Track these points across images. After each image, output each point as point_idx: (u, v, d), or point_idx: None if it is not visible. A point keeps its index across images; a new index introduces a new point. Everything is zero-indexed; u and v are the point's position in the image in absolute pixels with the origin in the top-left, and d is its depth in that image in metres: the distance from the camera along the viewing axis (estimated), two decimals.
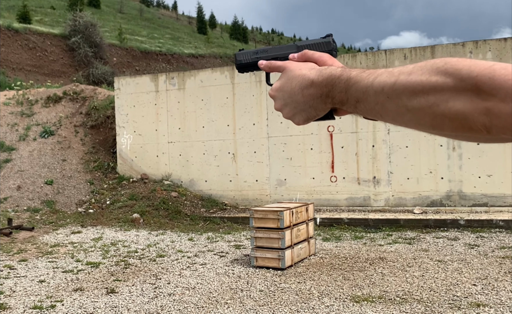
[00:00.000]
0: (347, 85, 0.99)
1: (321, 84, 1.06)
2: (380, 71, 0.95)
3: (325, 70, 1.07)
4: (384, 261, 8.06)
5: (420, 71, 0.88)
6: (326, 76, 1.05)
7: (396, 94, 0.90)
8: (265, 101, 13.69)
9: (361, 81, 0.97)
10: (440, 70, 0.85)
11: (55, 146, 16.29)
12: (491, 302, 5.87)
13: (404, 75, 0.89)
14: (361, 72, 0.98)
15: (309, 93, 1.09)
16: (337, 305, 6.01)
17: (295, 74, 1.13)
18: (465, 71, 0.82)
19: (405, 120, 0.92)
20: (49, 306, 6.35)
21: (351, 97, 0.99)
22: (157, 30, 68.34)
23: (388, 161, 12.38)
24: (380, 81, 0.92)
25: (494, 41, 11.67)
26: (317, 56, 1.20)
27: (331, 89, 1.04)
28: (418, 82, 0.87)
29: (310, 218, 8.70)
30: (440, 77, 0.84)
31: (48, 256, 9.35)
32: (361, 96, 0.97)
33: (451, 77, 0.83)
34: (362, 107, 0.98)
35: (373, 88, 0.93)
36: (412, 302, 5.99)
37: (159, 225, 12.35)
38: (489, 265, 7.52)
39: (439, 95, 0.84)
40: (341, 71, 1.03)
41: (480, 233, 9.91)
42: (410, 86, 0.88)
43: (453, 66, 0.84)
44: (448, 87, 0.83)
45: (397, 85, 0.90)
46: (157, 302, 6.40)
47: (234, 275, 7.59)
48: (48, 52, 40.24)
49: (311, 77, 1.08)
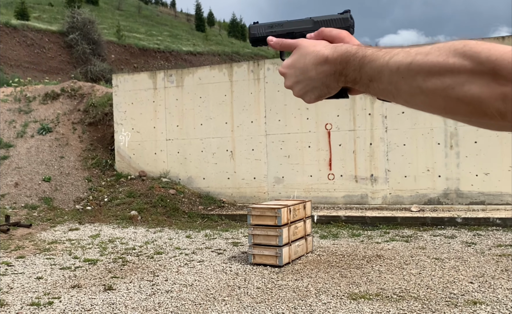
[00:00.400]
0: (362, 63, 0.97)
1: (335, 61, 1.04)
2: (396, 50, 0.92)
3: (340, 47, 1.05)
4: (381, 259, 8.08)
5: (438, 52, 0.86)
6: (341, 53, 1.03)
7: (412, 74, 0.88)
8: (263, 98, 13.70)
9: (376, 60, 0.94)
10: (458, 52, 0.83)
11: (53, 143, 16.28)
12: (488, 300, 5.89)
13: (421, 55, 0.87)
14: (377, 50, 0.96)
15: (322, 70, 1.07)
16: (334, 302, 6.03)
17: (308, 50, 1.10)
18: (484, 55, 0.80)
19: (418, 102, 0.91)
20: (47, 303, 6.36)
21: (364, 75, 0.97)
22: (155, 28, 68.24)
23: (385, 158, 12.40)
24: (396, 61, 0.90)
25: (492, 40, 11.69)
26: (335, 34, 1.17)
27: (345, 66, 1.01)
28: (435, 63, 0.85)
29: (307, 215, 8.72)
30: (458, 59, 0.83)
31: (45, 253, 9.36)
32: (375, 75, 0.95)
33: (469, 59, 0.81)
34: (375, 86, 0.96)
35: (389, 67, 0.92)
36: (409, 300, 6.01)
37: (157, 222, 12.36)
38: (486, 263, 7.54)
39: (455, 78, 0.83)
40: (357, 49, 1.00)
41: (477, 231, 9.93)
42: (426, 67, 0.86)
43: (472, 49, 0.82)
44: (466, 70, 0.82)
45: (413, 65, 0.88)
46: (155, 299, 6.41)
47: (232, 272, 7.61)
48: (46, 49, 40.18)
49: (326, 54, 1.06)
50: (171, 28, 73.25)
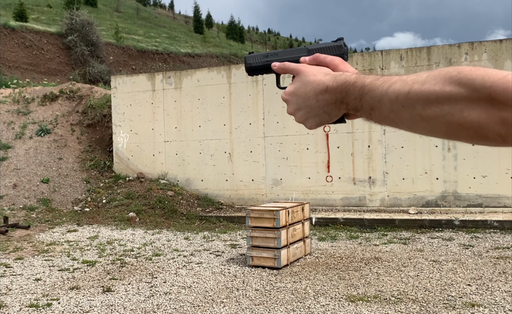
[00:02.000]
0: (362, 93, 0.99)
1: (335, 90, 1.05)
2: (394, 79, 0.94)
3: (339, 76, 1.06)
4: (379, 261, 8.10)
5: (434, 80, 0.87)
6: (341, 82, 1.04)
7: (410, 103, 0.89)
8: (262, 101, 13.72)
9: (375, 89, 0.96)
10: (453, 80, 0.84)
11: (52, 145, 16.28)
12: (486, 302, 5.91)
13: (418, 84, 0.89)
14: (376, 79, 0.98)
15: (323, 99, 1.08)
16: (333, 304, 6.04)
17: (309, 79, 1.12)
18: (478, 82, 0.81)
19: (419, 128, 0.92)
20: (45, 305, 6.36)
21: (365, 104, 0.99)
22: (153, 29, 68.22)
23: (383, 161, 12.42)
24: (394, 90, 0.92)
25: (489, 43, 11.72)
26: (329, 60, 1.19)
27: (345, 95, 1.03)
28: (432, 92, 0.86)
29: (305, 217, 8.73)
30: (454, 87, 0.84)
31: (44, 255, 9.36)
32: (375, 104, 0.96)
33: (464, 87, 0.82)
34: (376, 114, 0.98)
35: (388, 96, 0.93)
36: (407, 302, 6.02)
37: (155, 224, 12.36)
38: (483, 265, 7.56)
39: (453, 105, 0.84)
40: (356, 78, 1.02)
41: (475, 233, 9.96)
42: (424, 96, 0.87)
43: (467, 76, 0.83)
44: (462, 97, 0.82)
45: (411, 94, 0.89)
46: (153, 300, 6.42)
47: (230, 274, 7.62)
48: (44, 51, 40.15)
49: (326, 83, 1.08)
50: (170, 30, 73.25)
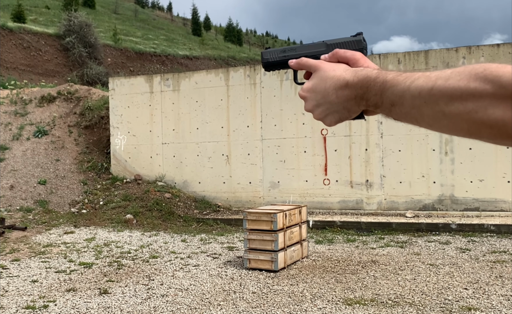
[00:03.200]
0: (383, 88, 0.98)
1: (356, 85, 1.04)
2: (417, 75, 0.93)
3: (360, 72, 1.05)
4: (376, 264, 8.10)
5: (458, 76, 0.86)
6: (362, 78, 1.03)
7: (434, 99, 0.88)
8: (259, 103, 13.73)
9: (397, 85, 0.95)
10: (479, 76, 0.83)
11: (49, 146, 16.27)
12: (482, 306, 5.91)
13: (442, 80, 0.88)
14: (398, 75, 0.97)
15: (343, 95, 1.07)
16: (330, 307, 6.04)
17: (329, 75, 1.11)
18: (505, 78, 0.80)
19: (441, 126, 0.92)
20: (42, 306, 6.35)
21: (386, 100, 0.98)
22: (151, 31, 68.25)
23: (381, 164, 12.44)
24: (417, 86, 0.91)
25: (487, 47, 11.76)
26: (349, 55, 1.17)
27: (366, 91, 1.02)
28: (456, 88, 0.85)
29: (303, 220, 8.74)
30: (479, 84, 0.82)
31: (40, 256, 9.35)
32: (397, 100, 0.95)
33: (490, 83, 0.81)
34: (397, 111, 0.97)
35: (410, 92, 0.92)
36: (404, 305, 6.03)
37: (152, 226, 12.35)
38: (480, 269, 7.57)
39: (477, 102, 0.83)
40: (377, 74, 1.01)
41: (472, 237, 9.97)
42: (448, 92, 0.86)
43: (493, 73, 0.82)
44: (488, 94, 0.81)
45: (434, 90, 0.88)
46: (150, 303, 6.42)
47: (227, 276, 7.62)
48: (42, 52, 40.13)
49: (347, 78, 1.07)
50: (168, 32, 73.29)
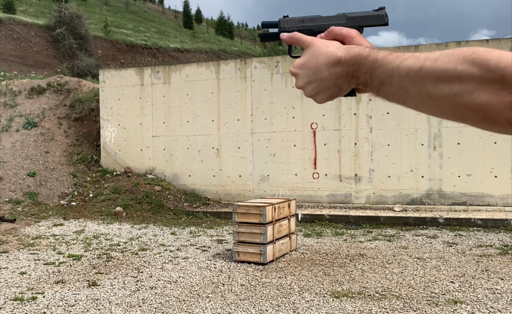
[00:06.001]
0: (373, 67, 0.97)
1: (348, 63, 1.04)
2: (407, 55, 0.92)
3: (353, 49, 1.05)
4: (364, 258, 8.16)
5: (447, 58, 0.86)
6: (354, 55, 1.03)
7: (421, 80, 0.88)
8: (250, 97, 13.74)
9: (387, 63, 0.95)
10: (467, 59, 0.83)
11: (38, 138, 16.21)
12: (468, 299, 5.97)
13: (430, 61, 0.87)
14: (388, 54, 0.96)
15: (335, 72, 1.07)
16: (317, 300, 6.09)
17: (322, 51, 1.10)
18: (493, 62, 0.80)
19: (427, 107, 0.91)
20: (30, 298, 6.36)
21: (375, 79, 0.97)
22: (143, 24, 67.97)
23: (369, 158, 12.50)
24: (406, 66, 0.91)
25: (475, 43, 11.84)
26: (345, 32, 1.17)
27: (357, 69, 1.01)
28: (444, 70, 0.85)
29: (292, 213, 8.78)
30: (467, 66, 0.82)
31: (29, 248, 9.34)
32: (385, 79, 0.95)
33: (478, 67, 0.81)
34: (385, 90, 0.97)
35: (399, 72, 0.92)
36: (391, 298, 6.08)
37: (142, 219, 12.36)
38: (466, 263, 7.64)
39: (464, 85, 0.82)
40: (369, 52, 1.00)
41: (459, 231, 10.06)
42: (435, 73, 0.86)
43: (481, 56, 0.81)
44: (474, 77, 0.81)
45: (422, 71, 0.88)
46: (139, 295, 6.44)
47: (216, 269, 7.65)
48: (32, 43, 39.88)
49: (339, 55, 1.06)
50: (159, 25, 73.02)
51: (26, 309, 6.00)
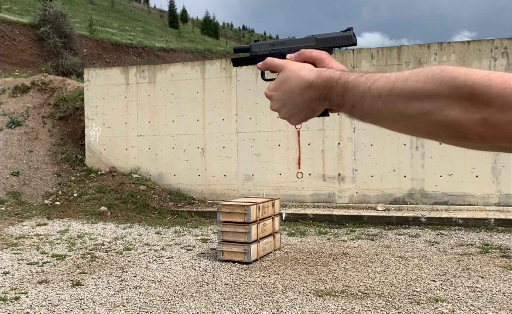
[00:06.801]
0: (345, 89, 0.99)
1: (319, 86, 1.06)
2: (377, 76, 0.94)
3: (324, 72, 1.07)
4: (347, 257, 8.24)
5: (416, 77, 0.87)
6: (325, 78, 1.05)
7: (392, 100, 0.89)
8: (235, 97, 13.78)
9: (358, 85, 0.96)
10: (436, 78, 0.84)
11: (22, 137, 16.11)
12: (449, 298, 6.06)
13: (400, 81, 0.89)
14: (359, 76, 0.98)
15: (308, 95, 1.09)
16: (301, 298, 6.14)
17: (294, 74, 1.12)
18: (461, 80, 0.81)
19: (400, 126, 0.93)
20: (13, 298, 6.34)
21: (347, 101, 0.99)
22: (128, 23, 67.70)
23: (353, 158, 12.59)
24: (377, 87, 0.92)
25: (458, 44, 11.96)
26: (315, 55, 1.20)
27: (329, 92, 1.03)
28: (414, 89, 0.86)
29: (276, 213, 8.83)
30: (436, 85, 0.83)
31: (13, 248, 9.30)
32: (357, 101, 0.97)
33: (446, 84, 0.82)
34: (358, 111, 0.98)
35: (370, 93, 0.93)
36: (374, 297, 6.15)
37: (126, 218, 12.35)
38: (448, 262, 7.74)
39: (434, 103, 0.83)
40: (340, 75, 1.02)
41: (440, 230, 10.17)
42: (406, 93, 0.87)
43: (449, 74, 0.83)
44: (443, 95, 0.82)
45: (393, 91, 0.89)
46: (123, 294, 6.45)
47: (201, 268, 7.68)
48: (16, 42, 39.56)
49: (311, 79, 1.08)
50: (144, 24, 72.76)
51: (9, 309, 5.99)
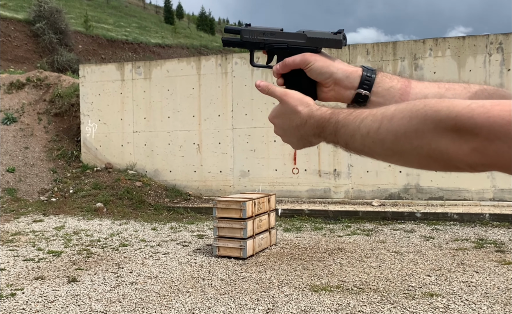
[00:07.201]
0: (336, 129, 1.02)
1: (313, 125, 1.09)
2: (365, 114, 0.95)
3: (316, 112, 1.10)
4: (342, 252, 8.26)
5: (401, 114, 0.87)
6: (318, 118, 1.08)
7: (381, 139, 0.91)
8: (231, 92, 13.78)
9: (348, 125, 0.98)
10: (420, 113, 0.84)
11: (18, 134, 16.08)
12: (444, 292, 6.08)
13: (386, 119, 0.90)
14: (348, 115, 1.00)
15: (304, 130, 1.13)
16: (296, 294, 6.16)
17: (292, 110, 1.16)
18: (443, 113, 0.81)
19: (394, 161, 0.94)
20: (9, 294, 6.34)
21: (340, 139, 1.02)
22: (123, 19, 67.52)
23: (348, 154, 12.57)
24: (365, 125, 0.94)
25: (453, 39, 11.98)
26: (299, 61, 1.23)
27: (322, 130, 1.07)
28: (400, 126, 0.87)
29: (271, 208, 8.85)
30: (421, 120, 0.84)
31: (8, 244, 9.29)
32: (349, 139, 0.99)
33: (430, 119, 0.82)
34: (352, 148, 1.00)
35: (360, 132, 0.95)
36: (369, 292, 6.17)
37: (122, 215, 12.35)
38: (443, 257, 7.77)
39: (421, 138, 0.84)
40: (331, 114, 1.05)
41: (435, 225, 10.21)
42: (393, 131, 0.88)
43: (432, 108, 0.83)
44: (429, 130, 0.82)
45: (381, 130, 0.90)
46: (119, 290, 6.46)
47: (196, 264, 7.69)
48: (11, 38, 39.44)
49: (305, 118, 1.12)
50: (140, 20, 72.58)
51: (5, 305, 5.99)
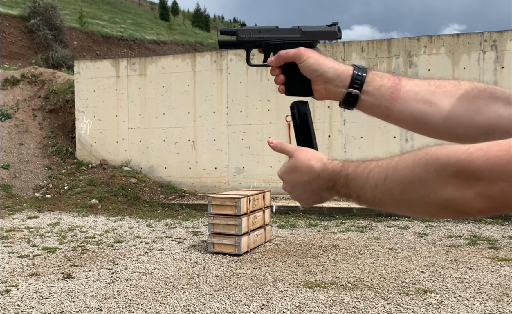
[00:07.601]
0: (346, 182, 1.02)
1: (325, 178, 1.09)
2: (372, 166, 0.96)
3: (329, 165, 1.10)
4: (337, 248, 8.29)
5: (405, 164, 0.88)
6: (330, 171, 1.08)
7: (388, 189, 0.91)
8: (226, 89, 13.78)
9: (357, 177, 0.99)
10: (421, 161, 0.85)
11: (12, 130, 16.04)
12: (437, 289, 6.11)
13: (391, 170, 0.91)
14: (357, 167, 1.00)
15: (316, 185, 1.12)
16: (291, 290, 6.18)
17: (304, 164, 1.15)
18: (444, 160, 0.81)
19: (404, 211, 0.94)
20: (4, 291, 6.34)
21: (352, 192, 1.01)
22: (119, 15, 67.28)
23: (343, 151, 12.63)
24: (373, 177, 0.94)
25: (447, 37, 12.02)
26: (293, 54, 1.24)
27: (334, 184, 1.06)
28: (404, 176, 0.87)
29: (266, 205, 8.87)
30: (423, 168, 0.84)
31: (3, 241, 9.28)
32: (359, 191, 0.99)
33: (432, 167, 0.83)
34: (363, 200, 1.00)
35: (369, 184, 0.95)
36: (363, 288, 6.20)
37: (117, 211, 12.34)
38: (436, 253, 7.81)
39: (426, 186, 0.84)
40: (341, 167, 1.05)
41: (429, 222, 10.24)
42: (398, 181, 0.89)
43: (433, 156, 0.83)
44: (432, 177, 0.83)
45: (387, 181, 0.91)
46: (114, 287, 6.47)
47: (191, 260, 7.71)
48: (6, 34, 39.28)
49: (318, 171, 1.11)
50: (135, 16, 72.34)
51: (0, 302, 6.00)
